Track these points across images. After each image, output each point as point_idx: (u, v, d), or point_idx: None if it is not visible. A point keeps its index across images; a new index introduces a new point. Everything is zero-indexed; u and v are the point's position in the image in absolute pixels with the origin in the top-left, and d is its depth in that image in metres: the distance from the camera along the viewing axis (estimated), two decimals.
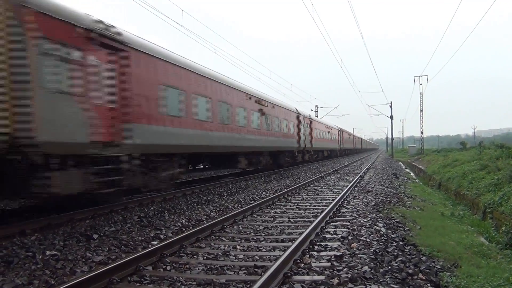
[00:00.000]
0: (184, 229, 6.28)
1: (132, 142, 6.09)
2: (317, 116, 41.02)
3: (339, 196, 9.13)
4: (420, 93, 41.44)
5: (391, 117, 42.79)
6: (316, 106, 44.11)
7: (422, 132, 42.26)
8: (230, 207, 8.23)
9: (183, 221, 6.81)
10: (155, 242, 5.46)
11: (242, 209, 7.55)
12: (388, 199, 9.44)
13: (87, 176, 5.28)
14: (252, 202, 8.87)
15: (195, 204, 8.46)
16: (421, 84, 41.25)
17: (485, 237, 7.45)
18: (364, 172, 17.58)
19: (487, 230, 7.95)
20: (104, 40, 5.49)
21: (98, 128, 5.34)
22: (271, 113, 15.37)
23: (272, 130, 15.57)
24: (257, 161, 14.69)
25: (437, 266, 4.85)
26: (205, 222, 6.70)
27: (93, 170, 5.40)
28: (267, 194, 10.10)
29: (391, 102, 43.07)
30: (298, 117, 20.51)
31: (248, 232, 6.21)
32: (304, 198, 9.60)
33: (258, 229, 6.41)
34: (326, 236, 5.87)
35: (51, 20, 4.28)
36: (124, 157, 5.95)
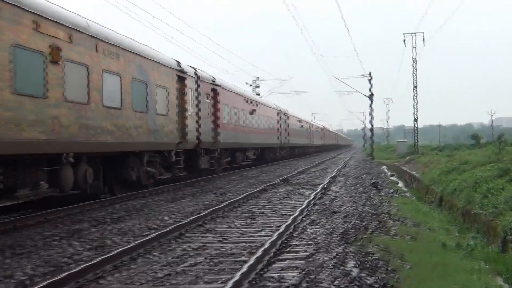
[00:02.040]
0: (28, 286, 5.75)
1: (220, 141, 21.27)
2: (257, 94, 44.14)
3: (289, 221, 9.30)
4: (413, 59, 39.90)
5: (371, 97, 43.26)
6: (255, 78, 45.62)
7: (416, 120, 41.92)
8: (111, 242, 8.12)
9: (29, 269, 6.57)
10: None
11: (131, 245, 7.42)
12: (364, 223, 9.72)
13: (209, 159, 20.90)
14: (149, 233, 8.80)
15: (54, 239, 8.44)
16: (414, 46, 39.19)
17: (506, 278, 7.72)
18: (328, 182, 18.10)
19: (508, 268, 8.26)
20: (214, 87, 21.76)
21: (212, 133, 21.41)
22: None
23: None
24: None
25: None
26: (65, 270, 6.43)
27: (209, 156, 20.93)
28: (174, 220, 10.21)
29: (370, 74, 43.23)
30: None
31: (140, 283, 5.94)
32: (235, 224, 9.76)
33: (156, 277, 6.21)
34: (267, 285, 5.76)
35: (204, 83, 20.17)
36: (217, 150, 21.50)
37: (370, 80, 41.70)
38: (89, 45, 12.18)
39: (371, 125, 46.62)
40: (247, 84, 45.12)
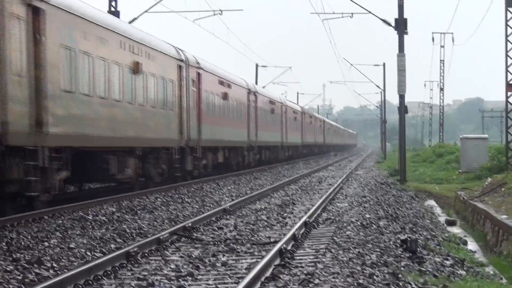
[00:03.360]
0: None
1: (202, 137, 37.87)
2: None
3: None
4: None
5: (398, 25, 42.85)
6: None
7: (509, 84, 42.08)
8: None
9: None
10: None
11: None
12: None
13: (192, 160, 36.33)
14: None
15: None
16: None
17: None
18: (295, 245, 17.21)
19: None
20: (198, 71, 36.19)
21: (196, 128, 36.89)
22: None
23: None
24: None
25: None
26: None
27: (192, 156, 36.63)
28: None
29: None
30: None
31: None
32: None
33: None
34: None
35: (191, 68, 34.82)
36: (199, 149, 37.31)
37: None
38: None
39: (401, 100, 43.62)
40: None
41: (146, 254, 14.73)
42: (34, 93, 20.07)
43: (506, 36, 42.59)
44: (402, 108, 43.47)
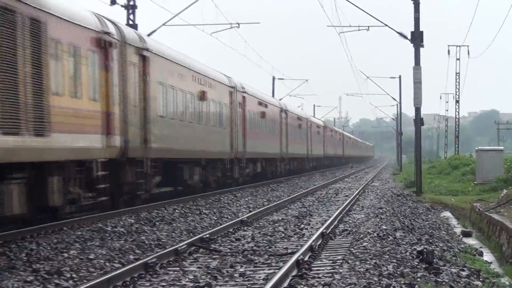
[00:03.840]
0: None
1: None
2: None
3: None
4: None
5: (414, 38, 42.71)
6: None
7: None
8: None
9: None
10: None
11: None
12: None
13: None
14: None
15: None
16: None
17: None
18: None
19: None
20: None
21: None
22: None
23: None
24: None
25: None
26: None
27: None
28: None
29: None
30: None
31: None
32: None
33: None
34: None
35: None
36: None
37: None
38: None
39: (417, 112, 43.37)
40: None
41: (165, 265, 14.69)
42: (143, 118, 26.47)
43: None
44: (418, 121, 43.33)
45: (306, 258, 15.19)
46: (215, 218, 25.06)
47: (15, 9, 17.47)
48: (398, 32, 44.05)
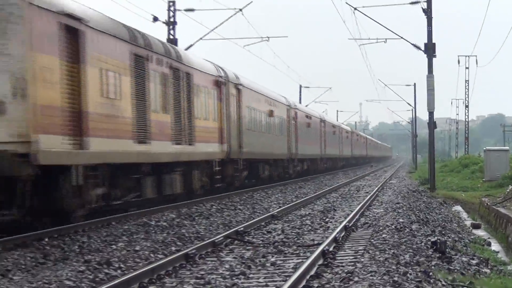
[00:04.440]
0: None
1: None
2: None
3: None
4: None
5: (428, 49, 42.50)
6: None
7: None
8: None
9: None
10: None
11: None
12: None
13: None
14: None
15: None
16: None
17: None
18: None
19: None
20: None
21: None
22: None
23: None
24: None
25: None
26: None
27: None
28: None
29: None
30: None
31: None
32: None
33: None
34: None
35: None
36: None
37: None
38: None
39: (431, 116, 43.10)
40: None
41: (203, 256, 14.65)
42: (238, 131, 34.43)
43: None
44: (431, 124, 42.97)
45: (331, 249, 15.08)
46: (249, 213, 24.89)
47: (180, 68, 25.85)
48: (413, 44, 44.00)
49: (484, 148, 53.92)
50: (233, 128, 33.42)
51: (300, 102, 75.56)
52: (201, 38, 43.51)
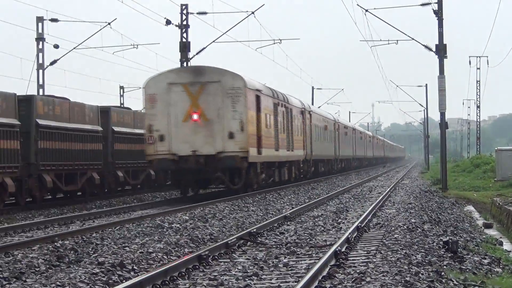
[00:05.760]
0: None
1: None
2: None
3: None
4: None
5: (439, 50, 42.24)
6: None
7: None
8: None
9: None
10: None
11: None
12: None
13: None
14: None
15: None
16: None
17: None
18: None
19: None
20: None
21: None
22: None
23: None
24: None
25: None
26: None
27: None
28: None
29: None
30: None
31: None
32: None
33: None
34: None
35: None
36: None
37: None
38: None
39: (442, 117, 42.98)
40: None
41: (216, 257, 14.61)
42: (310, 141, 49.38)
43: None
44: (443, 124, 42.89)
45: (343, 249, 15.02)
46: (261, 214, 24.85)
47: (287, 106, 41.54)
48: (424, 45, 43.67)
49: (496, 148, 54.12)
50: (307, 139, 49.03)
51: (312, 104, 78.61)
52: (213, 41, 43.64)
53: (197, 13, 43.01)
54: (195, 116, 31.25)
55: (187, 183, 33.01)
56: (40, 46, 42.07)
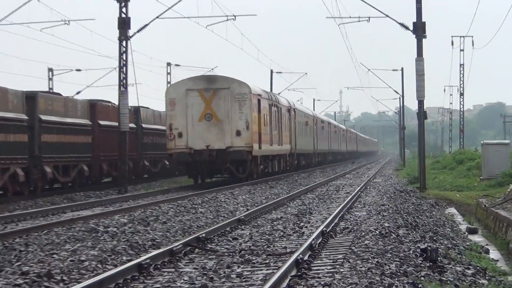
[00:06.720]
0: None
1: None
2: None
3: None
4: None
5: (416, 29, 43.03)
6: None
7: None
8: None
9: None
10: None
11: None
12: None
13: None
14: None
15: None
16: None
17: None
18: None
19: None
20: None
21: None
22: None
23: None
24: None
25: None
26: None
27: None
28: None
29: None
30: None
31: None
32: None
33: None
34: None
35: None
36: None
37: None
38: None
39: (420, 105, 43.63)
40: None
41: (159, 266, 14.64)
42: (294, 136, 61.32)
43: None
44: (421, 114, 43.22)
45: (305, 258, 15.14)
46: (212, 217, 25.01)
47: (278, 105, 53.10)
48: (399, 23, 44.11)
49: (482, 142, 54.18)
50: (291, 134, 59.68)
51: (271, 90, 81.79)
52: (157, 17, 43.29)
53: None
54: (208, 117, 42.24)
55: (200, 173, 43.83)
56: None
